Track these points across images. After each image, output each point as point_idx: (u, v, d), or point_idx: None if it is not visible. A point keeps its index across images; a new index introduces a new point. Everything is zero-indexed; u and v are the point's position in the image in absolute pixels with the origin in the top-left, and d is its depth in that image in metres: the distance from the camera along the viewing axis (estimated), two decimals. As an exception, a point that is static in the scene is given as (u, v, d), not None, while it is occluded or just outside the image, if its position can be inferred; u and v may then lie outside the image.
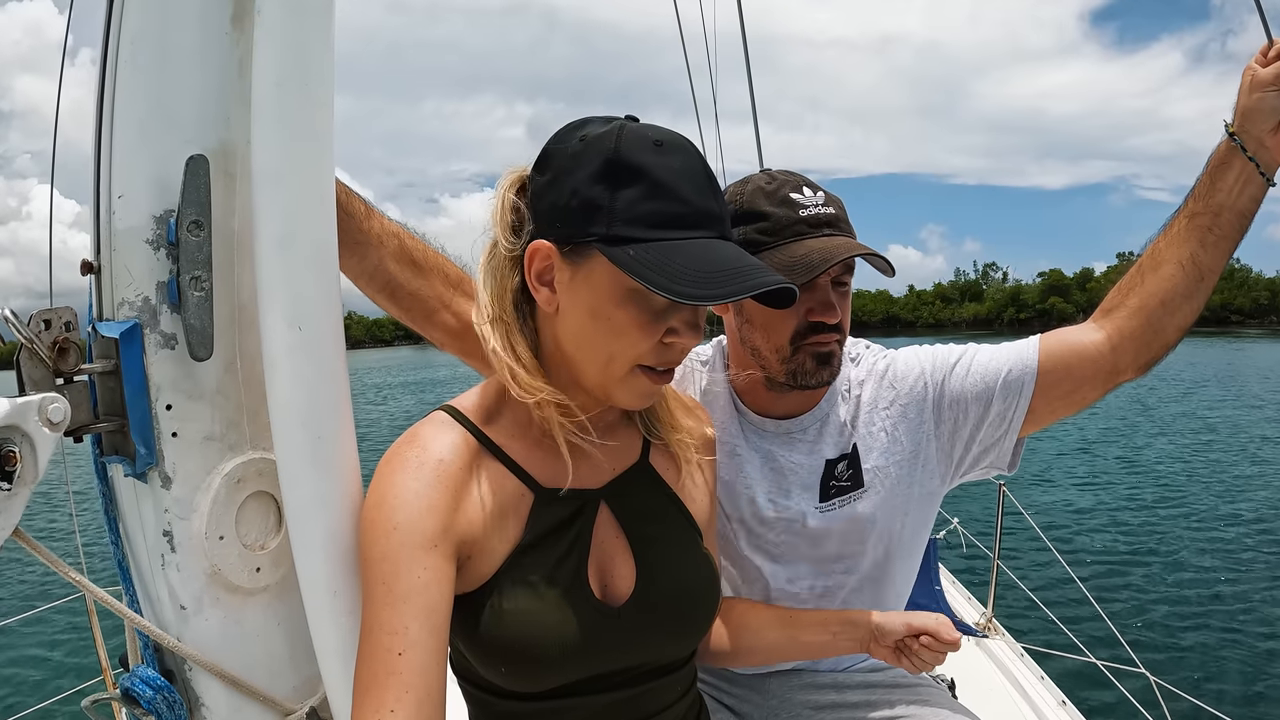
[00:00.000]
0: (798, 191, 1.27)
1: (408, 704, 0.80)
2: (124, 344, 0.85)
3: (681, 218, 0.85)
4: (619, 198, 0.84)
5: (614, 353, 0.89)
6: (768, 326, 1.27)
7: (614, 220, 0.83)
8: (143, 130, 0.84)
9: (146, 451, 0.86)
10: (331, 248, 0.88)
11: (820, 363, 1.26)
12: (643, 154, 0.85)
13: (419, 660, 0.82)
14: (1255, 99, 1.13)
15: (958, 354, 1.36)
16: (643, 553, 1.00)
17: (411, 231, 1.26)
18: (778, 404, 1.37)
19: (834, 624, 1.24)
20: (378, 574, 0.85)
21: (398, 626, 0.82)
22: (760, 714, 1.48)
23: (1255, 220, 1.20)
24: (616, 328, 0.87)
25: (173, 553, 0.89)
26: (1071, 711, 2.63)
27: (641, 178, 0.84)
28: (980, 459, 1.36)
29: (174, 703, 0.91)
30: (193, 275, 0.85)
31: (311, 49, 0.84)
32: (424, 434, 0.94)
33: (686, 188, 0.85)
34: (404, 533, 0.85)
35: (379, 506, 0.87)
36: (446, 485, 0.89)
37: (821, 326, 1.24)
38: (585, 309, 0.88)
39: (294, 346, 0.84)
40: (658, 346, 0.89)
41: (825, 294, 1.24)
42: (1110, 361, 1.25)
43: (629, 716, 1.01)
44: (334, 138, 0.86)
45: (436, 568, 0.86)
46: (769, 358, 1.29)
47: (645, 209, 0.83)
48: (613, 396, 0.93)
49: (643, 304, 0.86)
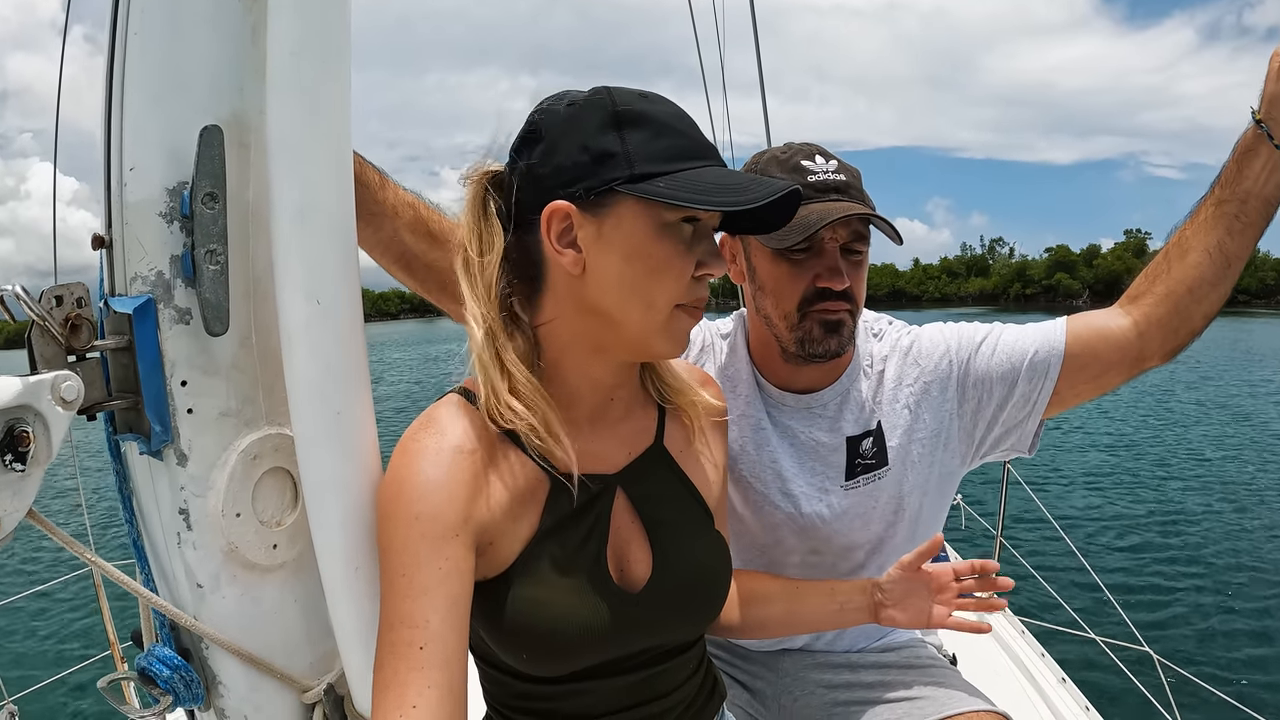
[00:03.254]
0: (809, 159, 1.27)
1: (430, 699, 0.79)
2: (137, 319, 0.83)
3: (690, 150, 0.88)
4: (630, 140, 0.86)
5: (655, 293, 0.88)
6: (777, 292, 1.27)
7: (633, 161, 0.85)
8: (154, 101, 0.82)
9: (162, 428, 0.85)
10: (350, 220, 0.87)
11: (828, 330, 1.25)
12: (638, 102, 0.89)
13: (441, 654, 0.81)
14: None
15: (984, 333, 1.35)
16: (659, 537, 1.00)
17: (427, 202, 1.24)
18: (796, 377, 1.37)
19: (840, 592, 1.24)
20: (397, 565, 0.84)
21: (419, 620, 0.81)
22: (773, 691, 1.49)
23: None
24: (655, 266, 0.87)
25: (189, 530, 0.88)
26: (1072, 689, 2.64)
27: (646, 121, 0.87)
28: (1002, 440, 1.36)
29: (191, 681, 0.91)
30: (208, 249, 0.83)
31: (328, 17, 0.82)
32: (441, 418, 0.92)
33: (685, 124, 0.90)
34: (425, 523, 0.84)
35: (398, 496, 0.86)
36: (466, 472, 0.88)
37: (828, 293, 1.24)
38: (620, 255, 0.87)
39: (312, 320, 0.83)
40: (692, 281, 0.90)
41: (833, 259, 1.23)
42: (1137, 347, 1.25)
43: (643, 696, 1.01)
44: (351, 108, 0.84)
45: (457, 558, 0.85)
46: (779, 325, 1.28)
47: (658, 146, 0.86)
48: (653, 346, 0.92)
49: (676, 236, 0.88)
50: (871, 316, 1.45)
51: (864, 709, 1.35)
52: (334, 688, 0.98)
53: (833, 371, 1.37)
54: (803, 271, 1.24)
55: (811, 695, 1.43)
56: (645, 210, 0.86)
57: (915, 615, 1.17)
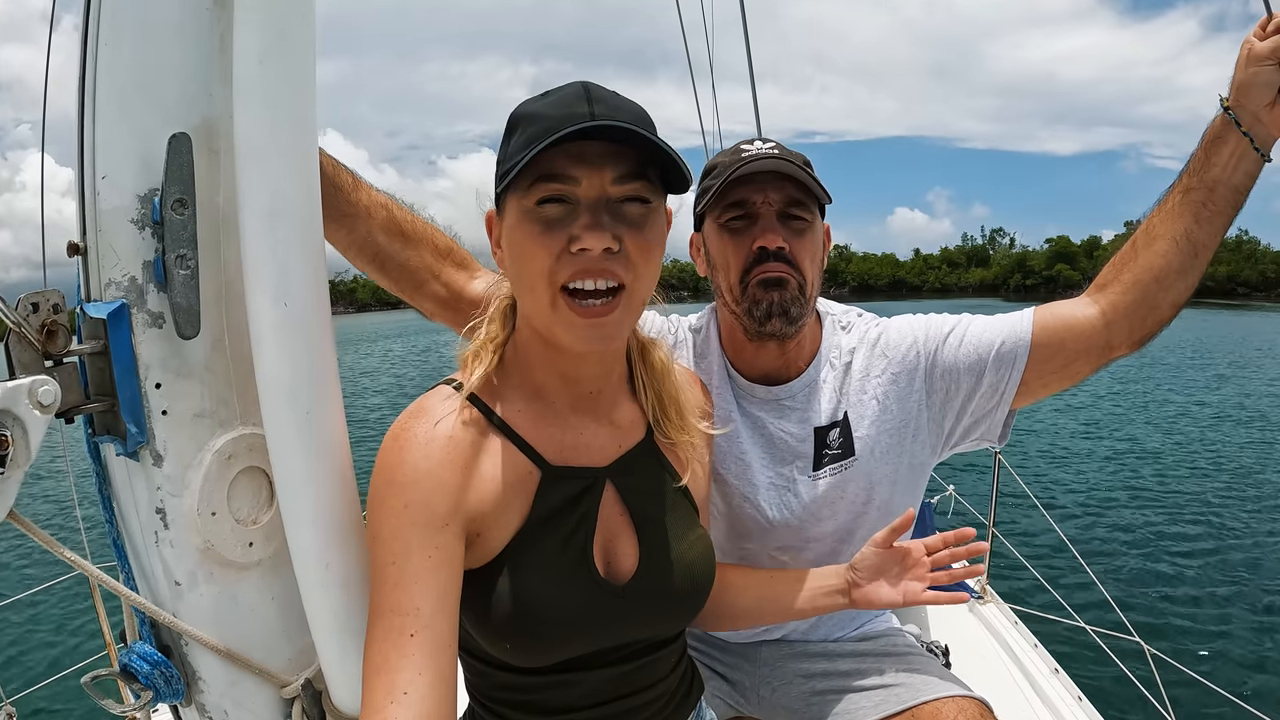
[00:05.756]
0: (750, 144, 1.32)
1: (421, 686, 0.80)
2: (112, 324, 0.85)
3: (550, 128, 0.84)
4: (509, 146, 0.91)
5: (531, 275, 0.89)
6: (725, 265, 1.31)
7: (505, 161, 0.90)
8: (125, 109, 0.84)
9: (137, 430, 0.87)
10: (316, 223, 0.89)
11: (766, 286, 1.27)
12: (528, 105, 0.91)
13: (431, 641, 0.82)
14: (1251, 73, 1.11)
15: (951, 324, 1.37)
16: (645, 532, 1.01)
17: (400, 202, 1.27)
18: (760, 358, 1.38)
19: (813, 576, 1.25)
20: (388, 554, 0.85)
21: (409, 608, 0.82)
22: (751, 682, 1.50)
23: (1262, 193, 1.19)
24: (524, 250, 0.89)
25: (166, 529, 0.90)
26: (1064, 679, 2.66)
27: (524, 120, 0.89)
28: (971, 430, 1.37)
29: (171, 677, 0.92)
30: (178, 254, 0.85)
31: (291, 25, 0.83)
32: (431, 408, 0.94)
33: (553, 109, 0.87)
34: (415, 511, 0.85)
35: (389, 484, 0.87)
36: (456, 462, 0.90)
37: (764, 253, 1.27)
38: (506, 249, 0.93)
39: (280, 322, 0.85)
40: (566, 257, 0.87)
41: (769, 222, 1.28)
42: (1104, 336, 1.25)
43: (626, 689, 1.02)
44: (316, 113, 0.86)
45: (447, 547, 0.86)
46: (731, 301, 1.32)
47: (523, 139, 0.87)
48: (555, 336, 0.92)
49: (535, 219, 0.88)
50: (839, 309, 1.47)
51: (841, 697, 1.37)
52: (312, 682, 1.00)
53: (798, 360, 1.38)
54: (742, 240, 1.29)
55: (790, 685, 1.45)
56: (516, 202, 0.89)
57: (889, 593, 1.18)
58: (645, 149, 0.87)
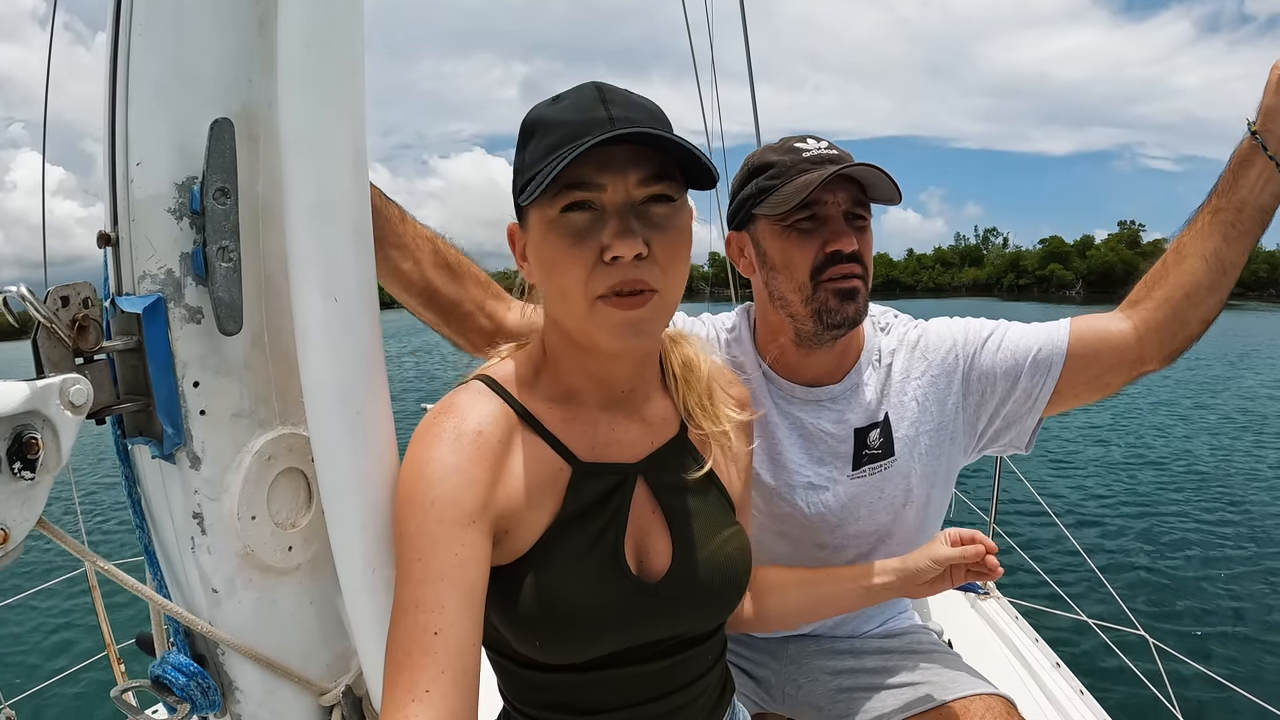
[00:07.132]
0: (802, 142, 1.30)
1: (443, 684, 0.78)
2: (147, 319, 0.80)
3: (566, 137, 0.83)
4: (525, 155, 0.89)
5: (564, 288, 0.87)
6: (789, 266, 1.28)
7: (525, 171, 0.88)
8: (161, 93, 0.80)
9: (174, 431, 0.83)
10: (366, 215, 0.85)
11: (843, 298, 1.26)
12: (540, 110, 0.90)
13: (455, 639, 0.80)
14: (1278, 99, 1.16)
15: (990, 329, 1.38)
16: (678, 528, 0.99)
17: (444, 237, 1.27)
18: (807, 365, 1.37)
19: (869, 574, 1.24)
20: (413, 550, 0.82)
21: (434, 605, 0.80)
22: (777, 679, 1.50)
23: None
24: (554, 262, 0.87)
25: (203, 535, 0.86)
26: (1066, 673, 2.67)
27: (537, 128, 0.88)
28: (1001, 434, 1.38)
29: (208, 688, 0.89)
30: (220, 245, 0.81)
31: (340, 7, 0.79)
32: (461, 403, 0.91)
33: (570, 114, 0.86)
34: (442, 508, 0.83)
35: (416, 480, 0.85)
36: (485, 458, 0.87)
37: (838, 256, 1.25)
38: (535, 262, 0.92)
39: (329, 319, 0.81)
40: (600, 268, 0.85)
41: (838, 224, 1.26)
42: (1136, 350, 1.28)
43: (660, 688, 1.00)
44: (366, 101, 0.82)
45: (474, 544, 0.84)
46: (795, 301, 1.29)
47: (542, 147, 0.85)
48: (595, 340, 0.90)
49: (563, 229, 0.86)
50: (878, 310, 1.48)
51: (869, 694, 1.37)
52: (352, 689, 0.97)
53: (843, 364, 1.38)
54: (810, 240, 1.26)
55: (816, 681, 1.45)
56: (539, 212, 0.87)
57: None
58: (669, 150, 0.85)
